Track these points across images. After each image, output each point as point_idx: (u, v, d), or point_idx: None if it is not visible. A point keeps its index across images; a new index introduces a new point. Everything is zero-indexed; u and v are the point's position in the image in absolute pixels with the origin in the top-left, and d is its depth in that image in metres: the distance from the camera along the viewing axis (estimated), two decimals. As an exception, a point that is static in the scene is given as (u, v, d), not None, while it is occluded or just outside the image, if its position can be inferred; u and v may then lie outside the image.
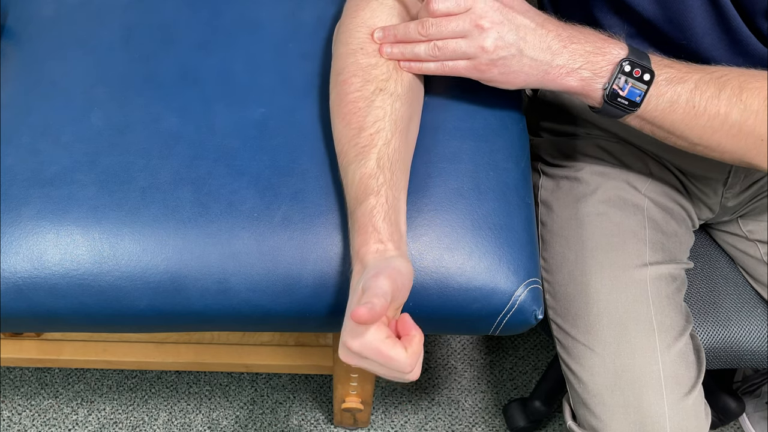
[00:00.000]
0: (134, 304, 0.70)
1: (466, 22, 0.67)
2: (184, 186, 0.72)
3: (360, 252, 0.63)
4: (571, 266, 0.86)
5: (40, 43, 0.81)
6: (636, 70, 0.68)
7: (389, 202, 0.65)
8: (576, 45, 0.69)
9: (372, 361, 0.58)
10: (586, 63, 0.68)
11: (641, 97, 0.69)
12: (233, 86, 0.78)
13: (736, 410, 1.26)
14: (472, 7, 0.67)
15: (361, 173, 0.66)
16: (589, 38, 0.69)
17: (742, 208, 0.94)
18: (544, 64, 0.68)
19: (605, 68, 0.68)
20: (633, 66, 0.68)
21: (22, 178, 0.72)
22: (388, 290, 0.57)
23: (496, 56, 0.67)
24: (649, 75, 0.68)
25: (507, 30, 0.67)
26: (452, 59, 0.69)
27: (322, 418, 1.35)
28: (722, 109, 0.68)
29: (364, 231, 0.64)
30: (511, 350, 1.43)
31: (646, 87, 0.68)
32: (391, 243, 0.63)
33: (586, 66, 0.68)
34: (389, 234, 0.63)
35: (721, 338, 0.93)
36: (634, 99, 0.69)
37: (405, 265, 0.61)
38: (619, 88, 0.68)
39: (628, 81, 0.68)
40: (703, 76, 0.69)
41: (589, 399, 0.82)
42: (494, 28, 0.67)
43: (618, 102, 0.69)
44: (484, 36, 0.67)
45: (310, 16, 0.83)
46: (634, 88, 0.68)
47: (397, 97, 0.69)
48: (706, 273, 0.98)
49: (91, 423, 1.33)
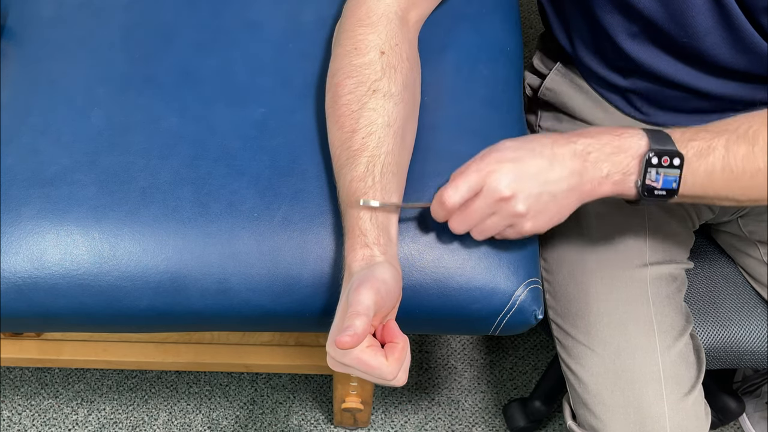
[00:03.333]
0: (134, 304, 0.70)
1: (489, 203, 0.63)
2: (184, 186, 0.72)
3: (347, 259, 0.64)
4: (571, 266, 0.86)
5: (40, 43, 0.81)
6: (664, 158, 0.64)
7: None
8: (594, 154, 0.65)
9: (354, 368, 0.60)
10: (612, 167, 0.65)
11: (677, 182, 0.65)
12: (233, 86, 0.78)
13: (736, 410, 1.26)
14: (485, 184, 0.63)
15: (351, 177, 0.66)
16: (604, 140, 0.65)
17: (742, 208, 0.94)
18: (575, 189, 0.65)
19: (632, 164, 0.65)
20: (659, 155, 0.64)
21: (22, 178, 0.72)
22: (371, 304, 0.57)
23: (534, 212, 0.64)
24: (679, 159, 0.65)
25: (528, 185, 0.63)
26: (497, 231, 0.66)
27: (322, 418, 1.35)
28: (761, 163, 0.65)
29: (352, 235, 0.64)
30: (511, 350, 1.43)
31: (679, 171, 0.65)
32: (378, 247, 0.63)
33: (613, 169, 0.65)
34: (375, 237, 0.63)
35: (721, 338, 0.93)
36: (671, 186, 0.65)
37: (390, 272, 0.61)
38: (653, 182, 0.65)
39: (660, 172, 0.65)
40: (729, 136, 0.66)
41: (589, 399, 0.82)
42: (517, 194, 0.63)
43: (655, 195, 0.66)
44: (512, 204, 0.63)
45: (310, 16, 0.83)
46: (668, 176, 0.65)
47: (390, 97, 0.69)
48: (706, 273, 0.98)
49: (91, 423, 1.33)
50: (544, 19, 0.94)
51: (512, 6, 0.88)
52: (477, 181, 0.63)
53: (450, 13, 0.82)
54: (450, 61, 0.80)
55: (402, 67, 0.71)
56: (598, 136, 0.66)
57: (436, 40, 0.80)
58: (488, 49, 0.82)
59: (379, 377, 0.59)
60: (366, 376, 0.60)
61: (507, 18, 0.86)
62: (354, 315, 0.56)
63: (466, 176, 0.63)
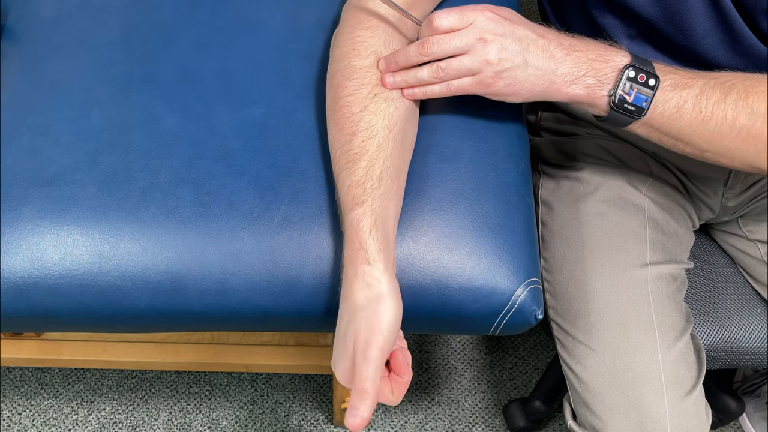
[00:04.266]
0: (134, 304, 0.70)
1: (469, 37, 0.66)
2: (184, 186, 0.72)
3: (348, 274, 0.63)
4: (571, 266, 0.86)
5: (40, 43, 0.80)
6: (641, 75, 0.67)
7: (375, 212, 0.64)
8: (578, 53, 0.68)
9: None
10: (590, 70, 0.68)
11: (648, 102, 0.68)
12: (233, 86, 0.78)
13: (736, 410, 1.26)
14: (473, 22, 0.67)
15: (350, 181, 0.66)
16: (591, 46, 0.69)
17: (742, 209, 0.94)
18: (548, 73, 0.68)
19: (609, 75, 0.68)
20: (637, 71, 0.67)
21: (22, 178, 0.72)
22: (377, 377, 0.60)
23: (501, 68, 0.67)
24: (654, 80, 0.68)
25: (510, 41, 0.67)
26: (457, 77, 0.68)
27: (322, 418, 1.35)
28: (729, 113, 0.67)
29: (352, 246, 0.63)
30: (511, 350, 1.43)
31: (652, 92, 0.68)
32: (380, 262, 0.62)
33: (590, 73, 0.68)
34: (376, 250, 0.62)
35: (721, 338, 0.93)
36: (641, 104, 0.68)
37: (392, 310, 0.61)
38: (626, 94, 0.67)
39: (634, 86, 0.67)
40: (707, 81, 0.68)
41: (589, 399, 0.82)
42: (497, 40, 0.66)
43: (625, 108, 0.68)
44: (488, 49, 0.66)
45: (310, 16, 0.83)
46: (640, 94, 0.68)
47: (391, 101, 0.69)
48: (706, 273, 0.98)
49: (91, 423, 1.33)
50: (544, 20, 0.94)
51: (512, 6, 0.88)
52: (469, 16, 0.67)
53: (450, 13, 0.82)
54: (450, 61, 0.80)
55: None
56: (589, 43, 0.69)
57: (436, 40, 0.80)
58: (488, 49, 0.82)
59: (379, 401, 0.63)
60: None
61: (507, 18, 0.86)
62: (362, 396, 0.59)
63: (461, 8, 0.67)
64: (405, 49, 0.69)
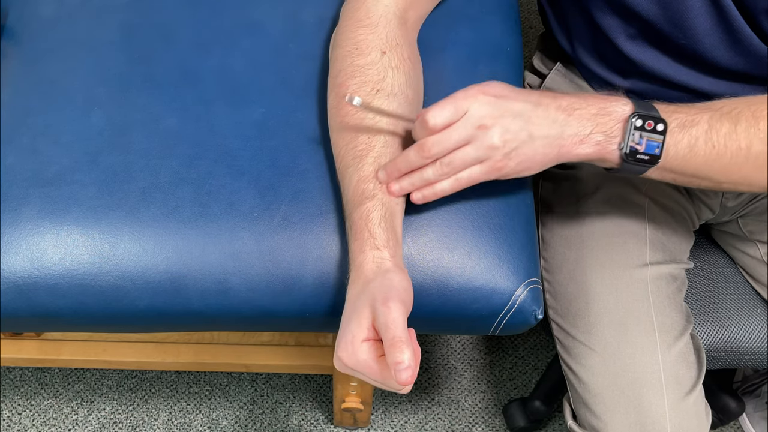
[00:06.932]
0: (134, 304, 0.70)
1: (468, 128, 0.63)
2: (184, 186, 0.72)
3: (357, 260, 0.63)
4: (571, 266, 0.86)
5: (40, 43, 0.81)
6: (648, 122, 0.65)
7: (385, 206, 0.65)
8: (579, 111, 0.65)
9: (363, 374, 0.60)
10: (595, 126, 0.65)
11: (659, 148, 0.66)
12: (233, 86, 0.78)
13: (736, 410, 1.26)
14: (468, 110, 0.63)
15: (358, 177, 0.66)
16: (590, 101, 0.66)
17: (742, 209, 0.94)
18: (556, 139, 0.65)
19: (616, 127, 0.65)
20: (644, 119, 0.65)
21: (22, 178, 0.72)
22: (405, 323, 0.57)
23: (509, 149, 0.64)
24: (662, 125, 0.65)
25: (510, 120, 0.64)
26: (464, 169, 0.65)
27: (322, 418, 1.35)
28: (743, 143, 0.66)
29: (360, 236, 0.64)
30: (511, 350, 1.43)
31: (662, 137, 0.65)
32: (387, 250, 0.63)
33: (596, 129, 0.65)
34: (385, 239, 0.63)
35: (721, 338, 0.93)
36: (653, 152, 0.66)
37: (404, 279, 0.62)
38: (636, 144, 0.65)
39: (643, 135, 0.65)
40: (713, 114, 0.66)
41: (589, 399, 0.82)
42: (497, 123, 0.63)
43: (638, 159, 0.66)
44: (490, 134, 0.63)
45: (310, 16, 0.83)
46: (651, 141, 0.65)
47: (394, 97, 0.69)
48: (706, 273, 0.98)
49: (91, 423, 1.33)
50: (544, 20, 0.94)
51: (512, 6, 0.88)
52: (462, 106, 0.64)
53: (450, 13, 0.82)
54: (450, 61, 0.80)
55: (404, 67, 0.71)
56: (586, 98, 0.67)
57: (436, 40, 0.80)
58: (488, 49, 0.82)
59: (386, 385, 0.59)
60: (373, 382, 0.60)
61: (507, 18, 0.86)
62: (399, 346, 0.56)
63: (452, 100, 0.64)
64: (404, 155, 0.65)
